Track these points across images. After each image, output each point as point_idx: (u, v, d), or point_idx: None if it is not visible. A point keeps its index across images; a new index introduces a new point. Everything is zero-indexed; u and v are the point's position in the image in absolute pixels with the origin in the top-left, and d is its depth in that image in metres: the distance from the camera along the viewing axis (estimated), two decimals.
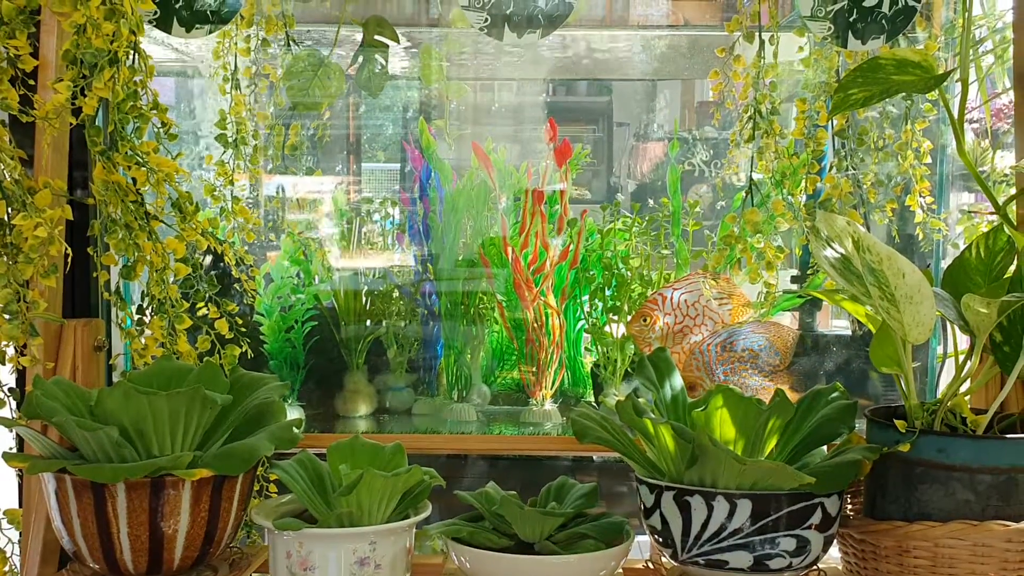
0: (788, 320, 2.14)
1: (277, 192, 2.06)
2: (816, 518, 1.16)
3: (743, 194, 1.71)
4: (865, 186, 1.77)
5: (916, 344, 1.20)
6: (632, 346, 1.96)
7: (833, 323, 2.26)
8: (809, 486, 1.13)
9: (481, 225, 1.91)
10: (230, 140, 1.71)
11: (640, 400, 1.26)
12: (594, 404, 1.96)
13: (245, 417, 1.29)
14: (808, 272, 1.79)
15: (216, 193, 1.71)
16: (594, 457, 1.96)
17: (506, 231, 1.89)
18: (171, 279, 1.40)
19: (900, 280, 1.15)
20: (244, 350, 1.49)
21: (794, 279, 2.07)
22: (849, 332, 2.12)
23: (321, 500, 1.28)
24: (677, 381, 1.33)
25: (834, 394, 1.29)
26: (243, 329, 1.47)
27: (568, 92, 2.57)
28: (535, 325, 1.94)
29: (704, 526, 1.16)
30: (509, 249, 1.89)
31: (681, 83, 3.30)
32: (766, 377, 1.76)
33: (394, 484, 1.23)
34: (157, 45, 2.18)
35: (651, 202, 2.08)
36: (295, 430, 1.25)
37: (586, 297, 1.99)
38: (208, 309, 1.47)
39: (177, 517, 1.16)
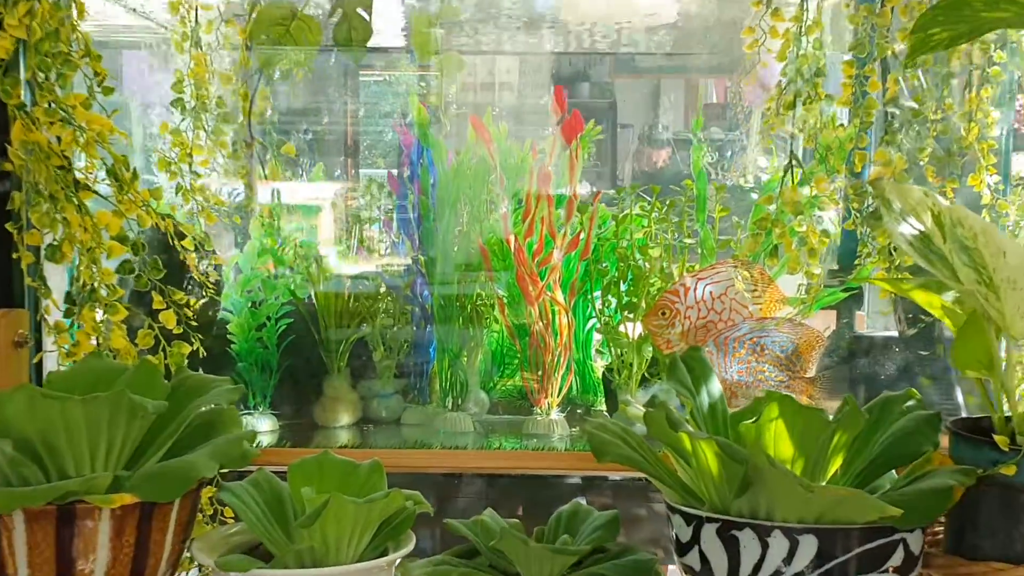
0: (820, 321, 1.90)
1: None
2: (897, 558, 0.92)
3: (779, 173, 1.47)
4: (922, 162, 1.53)
5: (1019, 339, 0.96)
6: (651, 348, 1.72)
7: (869, 326, 2.03)
8: (891, 519, 0.89)
9: (480, 211, 1.67)
10: (188, 106, 1.48)
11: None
12: (606, 414, 1.72)
13: (188, 429, 1.05)
14: (856, 262, 1.56)
15: (173, 168, 1.48)
16: (608, 476, 1.72)
17: (507, 217, 1.65)
18: (104, 261, 1.16)
19: (1000, 261, 0.92)
20: (196, 347, 1.25)
21: (833, 273, 1.83)
22: (886, 335, 1.87)
23: (280, 531, 1.04)
24: (715, 387, 1.09)
25: (909, 402, 1.05)
26: (194, 323, 1.24)
27: (571, 95, 2.37)
28: (540, 324, 1.70)
29: (756, 568, 0.92)
30: (511, 237, 1.65)
31: (685, 83, 3.09)
32: (782, 384, 1.53)
33: (368, 512, 0.99)
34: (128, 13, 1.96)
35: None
36: (247, 444, 1.01)
37: (598, 292, 1.75)
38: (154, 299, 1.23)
39: (93, 554, 0.92)
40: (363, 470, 1.09)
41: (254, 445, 1.04)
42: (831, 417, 0.98)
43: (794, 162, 1.45)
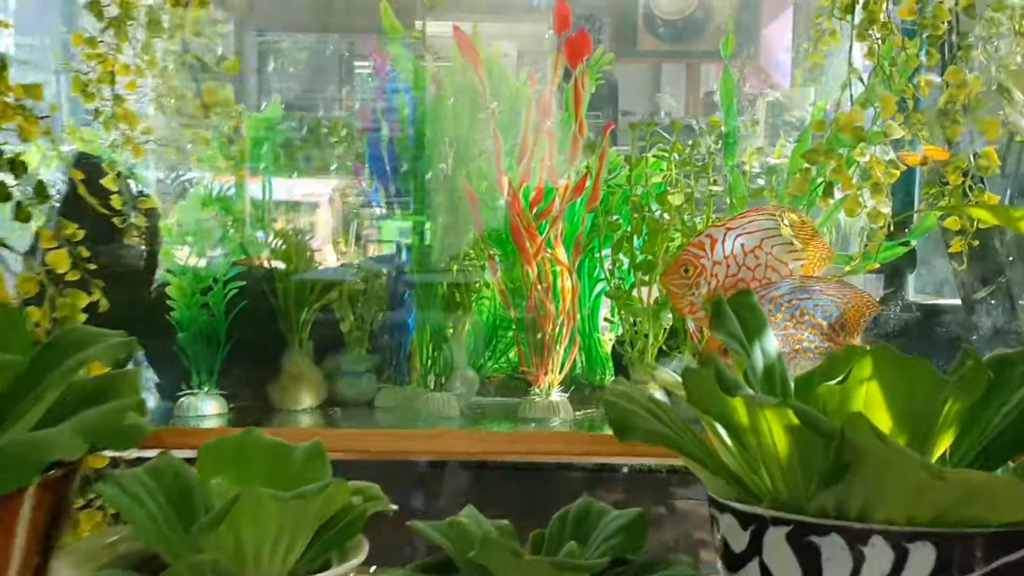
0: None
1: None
2: None
3: (841, 92, 1.19)
4: (1005, 84, 1.25)
5: None
6: (669, 315, 1.44)
7: (919, 291, 1.75)
8: None
9: (466, 150, 1.39)
10: (105, 12, 1.20)
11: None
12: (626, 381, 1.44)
13: (68, 397, 0.78)
14: (919, 208, 1.28)
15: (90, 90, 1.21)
16: (622, 467, 1.44)
17: (500, 155, 1.37)
18: None
19: None
20: (95, 299, 0.97)
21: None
22: (945, 302, 1.60)
23: (183, 536, 0.76)
24: (772, 343, 0.81)
25: None
26: (92, 268, 0.96)
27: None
28: (539, 288, 1.42)
29: None
30: (504, 180, 1.37)
31: (687, 68, 2.86)
32: (819, 360, 1.26)
33: (300, 511, 0.71)
34: None
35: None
36: (132, 417, 0.74)
37: (607, 250, 1.47)
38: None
39: None
40: (299, 455, 0.81)
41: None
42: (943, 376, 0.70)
43: (852, 77, 1.17)
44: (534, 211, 1.40)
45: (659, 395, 1.47)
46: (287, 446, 0.81)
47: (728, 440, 0.74)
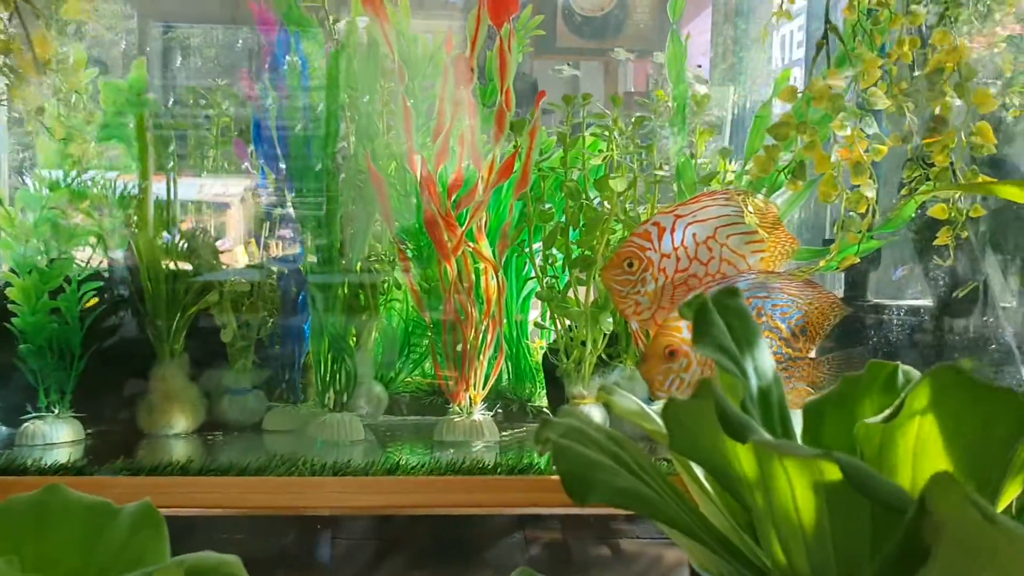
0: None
1: None
2: None
3: (816, 53, 1.00)
4: (999, 50, 1.09)
5: None
6: (610, 319, 1.24)
7: (881, 293, 1.59)
8: None
9: (370, 124, 1.16)
10: None
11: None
12: (584, 409, 1.23)
13: None
14: (901, 194, 1.10)
15: None
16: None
17: (410, 129, 1.14)
18: None
19: None
20: None
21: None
22: (914, 303, 1.43)
23: None
24: (766, 360, 0.61)
25: None
26: None
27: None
28: (459, 288, 1.20)
29: None
30: (417, 160, 1.15)
31: (605, 67, 2.70)
32: (779, 366, 1.08)
33: None
34: None
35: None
36: None
37: (538, 244, 1.26)
38: None
39: None
40: (124, 521, 0.58)
41: None
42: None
43: (831, 34, 0.98)
44: (453, 198, 1.19)
45: (597, 414, 1.27)
46: (108, 509, 0.58)
47: (718, 497, 0.53)
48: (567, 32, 2.65)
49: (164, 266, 1.23)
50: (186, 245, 1.27)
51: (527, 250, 1.26)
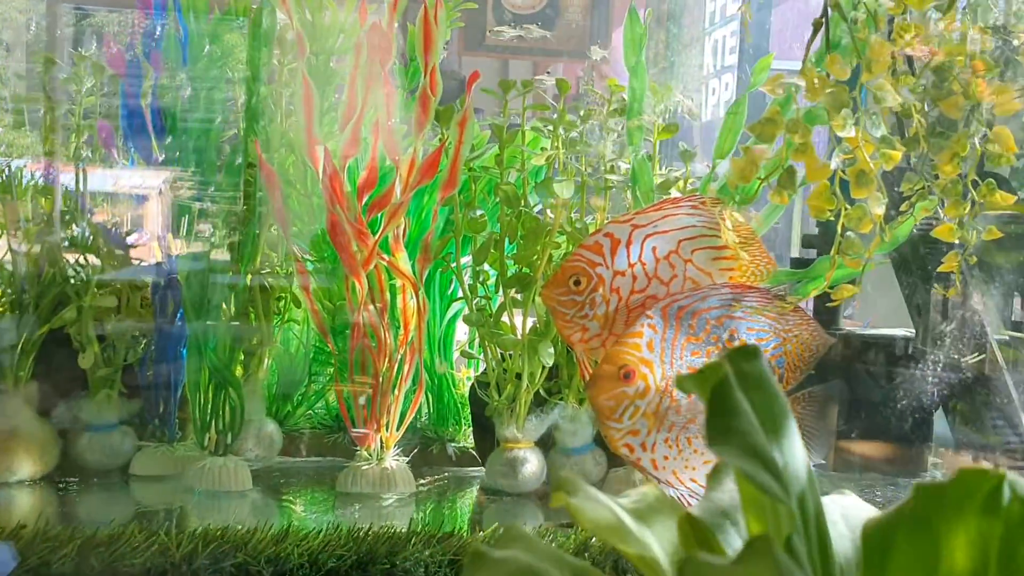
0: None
1: None
2: None
3: (812, 35, 0.82)
4: (1017, 42, 0.92)
5: None
6: (550, 349, 1.04)
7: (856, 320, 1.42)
8: None
9: (263, 106, 0.95)
10: None
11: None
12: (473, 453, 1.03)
13: None
14: (902, 208, 0.93)
15: None
16: None
17: (311, 113, 0.93)
18: None
19: None
20: None
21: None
22: (893, 333, 1.25)
23: None
24: (798, 452, 0.41)
25: None
26: None
27: None
28: (370, 309, 1.00)
29: None
30: (319, 152, 0.93)
31: (534, 66, 2.68)
32: None
33: None
34: None
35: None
36: None
37: (467, 258, 1.06)
38: None
39: None
40: None
41: None
42: None
43: (831, 10, 0.80)
44: (364, 200, 0.98)
45: (534, 460, 1.05)
46: None
47: None
48: (497, 28, 2.58)
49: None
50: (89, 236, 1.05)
51: (453, 265, 1.06)
